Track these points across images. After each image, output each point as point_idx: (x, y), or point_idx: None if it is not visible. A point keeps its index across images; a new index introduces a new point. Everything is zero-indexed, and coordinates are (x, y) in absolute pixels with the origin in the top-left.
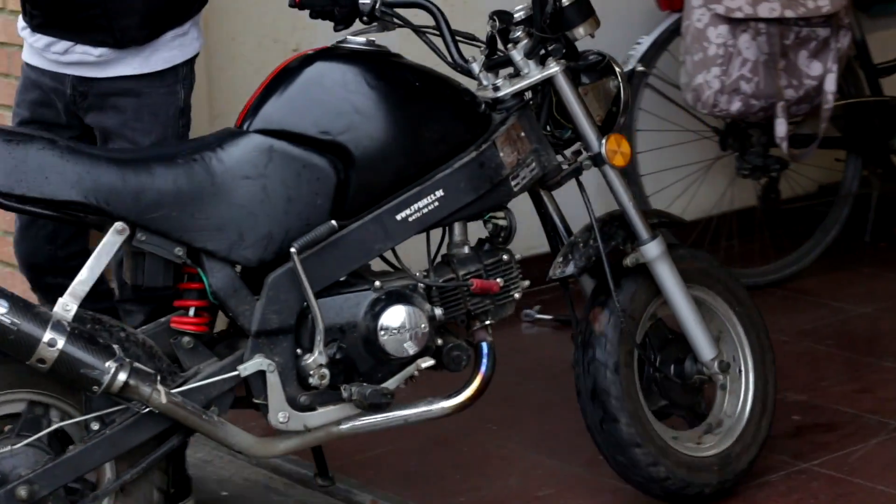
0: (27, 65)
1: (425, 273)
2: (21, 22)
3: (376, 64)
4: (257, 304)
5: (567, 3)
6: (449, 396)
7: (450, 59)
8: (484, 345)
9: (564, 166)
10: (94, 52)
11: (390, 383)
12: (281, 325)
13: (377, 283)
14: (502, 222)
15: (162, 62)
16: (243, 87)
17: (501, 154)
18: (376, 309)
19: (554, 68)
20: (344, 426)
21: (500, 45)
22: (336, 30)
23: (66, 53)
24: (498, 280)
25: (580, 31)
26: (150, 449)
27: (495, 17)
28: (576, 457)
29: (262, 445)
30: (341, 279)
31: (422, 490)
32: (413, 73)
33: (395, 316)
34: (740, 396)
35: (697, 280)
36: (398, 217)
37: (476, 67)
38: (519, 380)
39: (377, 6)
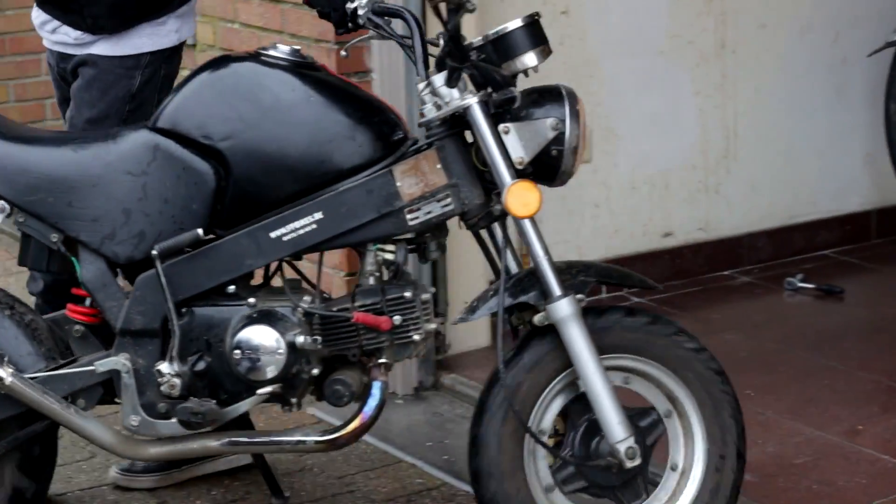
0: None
1: (312, 298)
2: None
3: (282, 75)
4: (126, 302)
5: (511, 29)
6: (324, 433)
7: (416, 73)
8: (375, 384)
9: (498, 207)
10: (72, 35)
11: (241, 405)
12: (145, 326)
13: (251, 301)
14: (388, 256)
15: (129, 48)
16: None
17: (399, 184)
18: (239, 326)
19: (467, 100)
20: (214, 442)
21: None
22: (337, 33)
23: (54, 33)
24: (395, 318)
25: (524, 60)
26: (11, 431)
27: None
28: (834, 426)
29: (125, 445)
30: (229, 290)
31: None
32: (322, 90)
33: (252, 336)
34: (690, 473)
35: (628, 348)
36: (272, 235)
37: (421, 87)
38: (779, 347)
39: (362, 14)
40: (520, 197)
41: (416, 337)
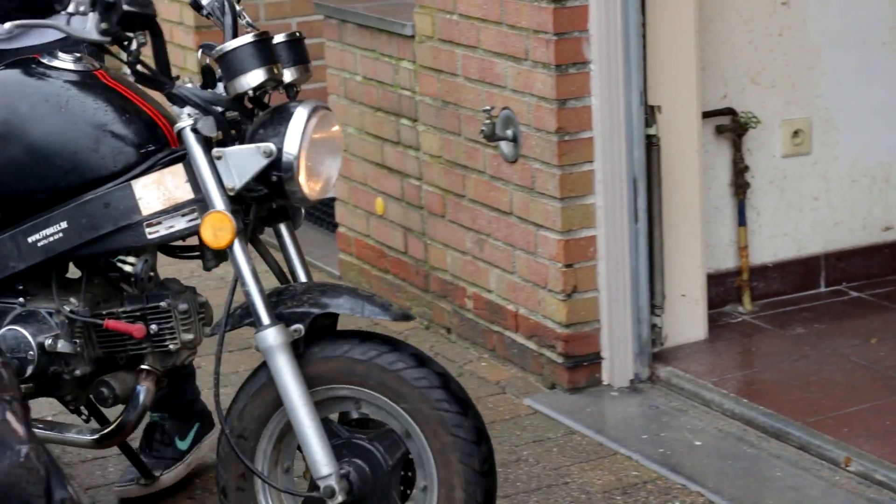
0: None
1: (74, 302)
2: None
3: (42, 84)
4: None
5: (232, 48)
6: (94, 432)
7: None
8: (137, 389)
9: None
10: None
11: None
12: None
13: (21, 300)
14: (128, 268)
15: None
16: (731, 38)
17: (139, 198)
18: (5, 324)
19: (179, 124)
20: None
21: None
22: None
23: None
24: (151, 326)
25: (247, 79)
26: None
27: (201, 49)
28: None
29: None
30: (18, 287)
31: None
32: (79, 100)
33: (7, 335)
34: (432, 491)
35: (353, 379)
36: (29, 240)
37: (182, 92)
38: None
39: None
40: (212, 228)
41: (172, 346)
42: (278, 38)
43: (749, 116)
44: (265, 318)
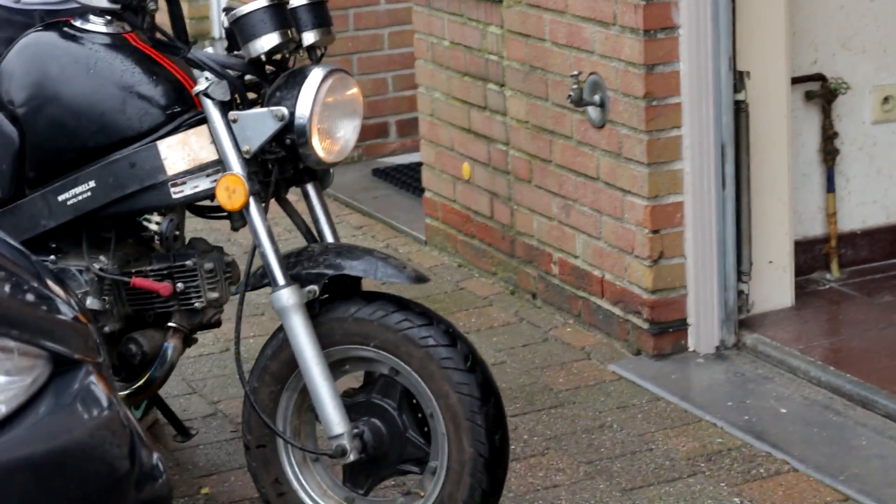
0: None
1: (103, 260)
2: None
3: (72, 46)
4: None
5: (246, 12)
6: (124, 387)
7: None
8: (164, 346)
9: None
10: None
11: None
12: None
13: (52, 258)
14: (153, 227)
15: None
16: (822, 3)
17: (164, 158)
18: None
19: (196, 87)
20: None
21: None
22: None
23: None
24: (177, 285)
25: (261, 43)
26: None
27: (225, 12)
28: None
29: None
30: (51, 245)
31: None
32: (107, 62)
33: None
34: (439, 448)
35: (367, 339)
36: (59, 198)
37: (198, 56)
38: None
39: None
40: (226, 190)
41: (197, 304)
42: (299, 1)
43: (839, 82)
44: (280, 278)
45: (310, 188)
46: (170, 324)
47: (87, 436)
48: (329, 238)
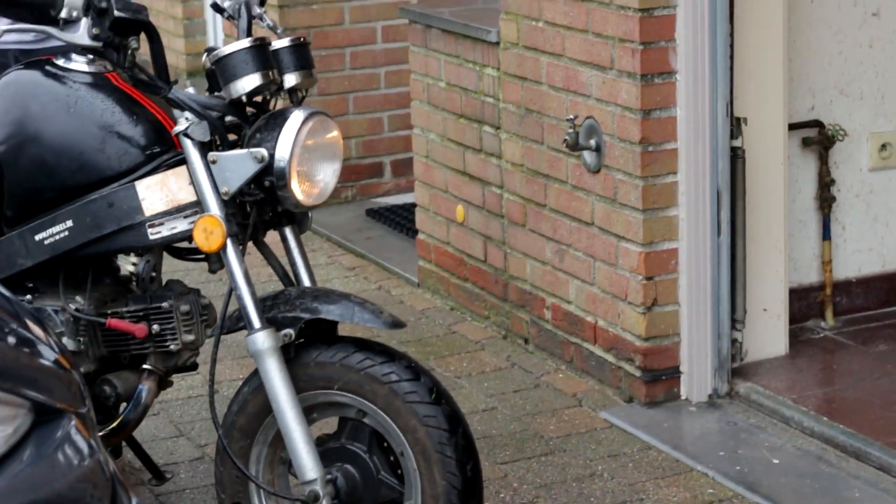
0: None
1: (79, 301)
2: None
3: (53, 86)
4: None
5: (228, 52)
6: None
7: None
8: (140, 388)
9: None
10: None
11: None
12: None
13: (28, 297)
14: (130, 268)
15: None
16: (820, 49)
17: (142, 199)
18: None
19: (176, 128)
20: None
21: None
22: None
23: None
24: (153, 326)
25: (242, 84)
26: None
27: (207, 52)
28: None
29: None
30: (28, 285)
31: None
32: (87, 101)
33: None
34: (412, 485)
35: (347, 386)
36: (36, 238)
37: (178, 96)
38: None
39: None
40: (203, 232)
41: (173, 347)
42: (281, 43)
43: (836, 129)
44: (256, 321)
45: (288, 231)
46: (145, 366)
47: (68, 488)
48: (306, 282)
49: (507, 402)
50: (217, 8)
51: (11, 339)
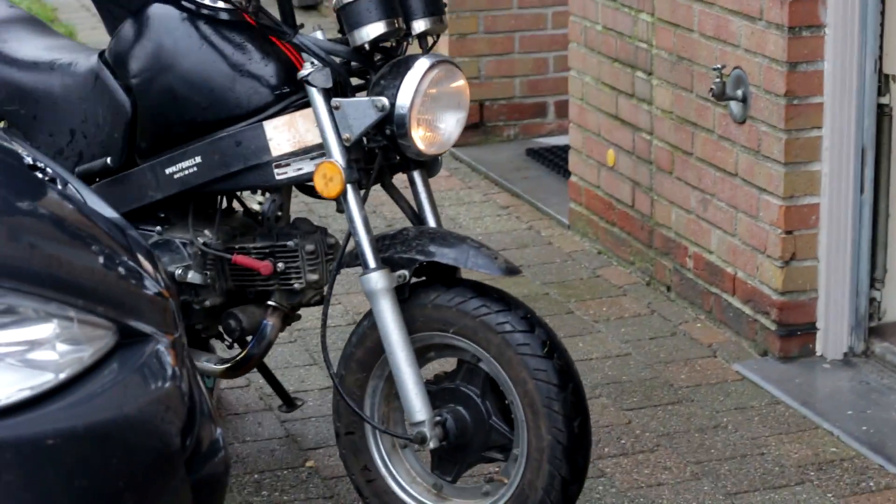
0: None
1: (208, 234)
2: None
3: (185, 21)
4: None
5: (349, 1)
6: (222, 361)
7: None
8: (263, 324)
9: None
10: None
11: None
12: None
13: (158, 229)
14: (255, 206)
15: None
16: None
17: (270, 139)
18: None
19: (301, 73)
20: None
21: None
22: None
23: None
24: (278, 264)
25: (367, 31)
26: None
27: None
28: None
29: None
30: (160, 215)
31: None
32: (219, 40)
33: None
34: (520, 435)
35: (434, 325)
36: (167, 171)
37: (303, 41)
38: None
39: None
40: (323, 178)
41: (297, 285)
42: None
43: None
44: (371, 261)
45: (416, 175)
46: (269, 302)
47: (138, 410)
48: (433, 224)
49: (641, 348)
50: None
51: (121, 270)
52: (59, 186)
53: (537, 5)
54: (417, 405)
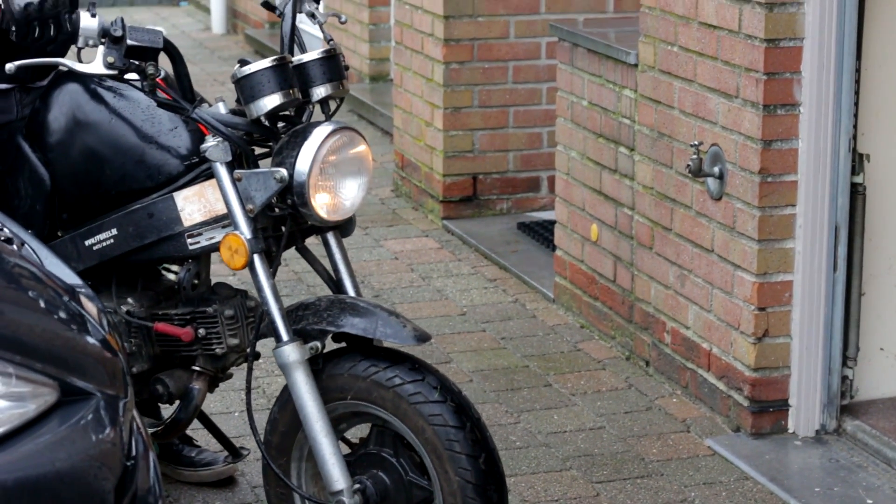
0: None
1: (131, 303)
2: None
3: (98, 95)
4: None
5: (250, 71)
6: (150, 426)
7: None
8: (190, 387)
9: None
10: None
11: None
12: None
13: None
14: (171, 276)
15: None
16: None
17: (181, 209)
18: None
19: (205, 144)
20: None
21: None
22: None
23: None
24: (199, 330)
25: (264, 103)
26: None
27: (239, 64)
28: None
29: None
30: (88, 283)
31: None
32: (129, 112)
33: None
34: (434, 489)
35: (369, 397)
36: (86, 243)
37: (201, 116)
38: None
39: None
40: (228, 250)
41: (218, 350)
42: (311, 56)
43: None
44: (283, 334)
45: (330, 237)
46: (194, 367)
47: (69, 467)
48: (348, 286)
49: (615, 422)
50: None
51: (62, 314)
52: (14, 247)
53: (532, 80)
54: (335, 474)
